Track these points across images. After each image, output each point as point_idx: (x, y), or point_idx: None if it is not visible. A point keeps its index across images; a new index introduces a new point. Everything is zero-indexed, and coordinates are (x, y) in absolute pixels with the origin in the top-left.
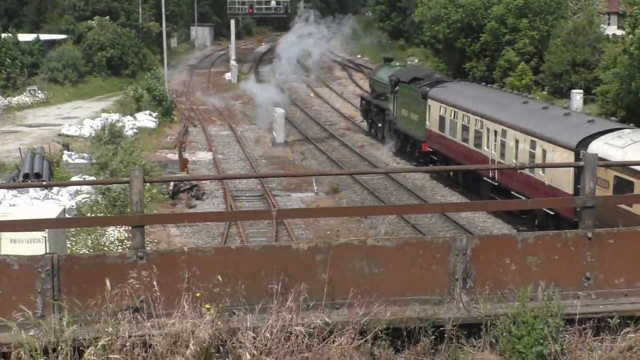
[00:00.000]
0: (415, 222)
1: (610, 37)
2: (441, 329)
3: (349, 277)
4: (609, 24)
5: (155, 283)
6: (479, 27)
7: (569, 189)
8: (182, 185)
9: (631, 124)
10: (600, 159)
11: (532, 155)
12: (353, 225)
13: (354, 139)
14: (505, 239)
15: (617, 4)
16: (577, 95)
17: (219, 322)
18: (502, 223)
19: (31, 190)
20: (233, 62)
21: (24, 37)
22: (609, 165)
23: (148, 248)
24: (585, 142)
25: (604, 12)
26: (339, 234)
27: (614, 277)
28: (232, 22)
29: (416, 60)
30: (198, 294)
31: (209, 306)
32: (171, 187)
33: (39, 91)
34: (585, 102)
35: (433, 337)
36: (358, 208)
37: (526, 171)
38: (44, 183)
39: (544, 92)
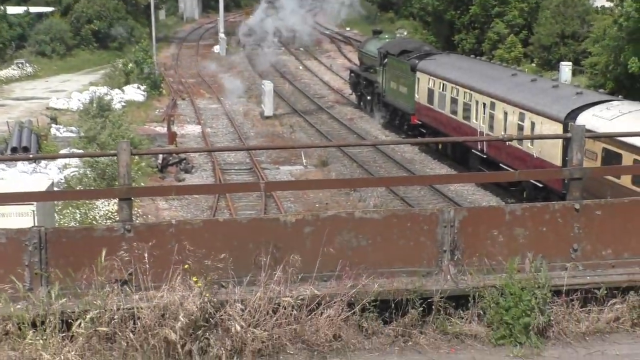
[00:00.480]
0: (404, 195)
1: (599, 9)
2: (429, 300)
3: (337, 249)
4: None
5: (143, 256)
6: None
7: (558, 161)
8: (170, 158)
9: (619, 96)
10: (589, 131)
11: (521, 128)
12: (342, 198)
13: (343, 112)
14: (493, 210)
15: None
16: (566, 68)
17: (207, 295)
18: (490, 195)
19: (19, 163)
20: (221, 35)
21: (12, 9)
22: (596, 136)
23: (136, 221)
24: (574, 114)
25: None
26: (328, 206)
27: (601, 248)
28: None
29: (405, 33)
30: (186, 266)
31: (196, 279)
32: (160, 161)
33: (27, 64)
34: (574, 74)
35: (421, 308)
36: (346, 180)
37: (515, 143)
38: (32, 156)
39: (533, 65)
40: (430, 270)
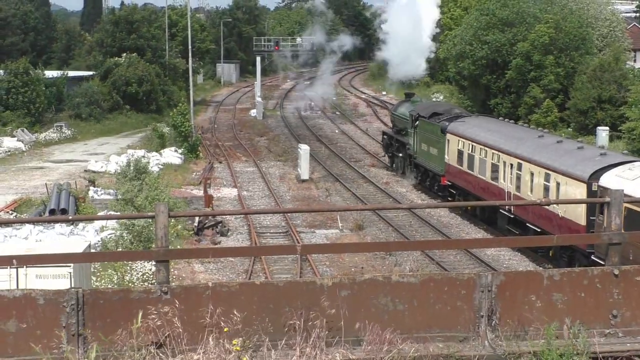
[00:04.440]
0: (440, 260)
1: (635, 74)
2: None
3: (373, 313)
4: (635, 61)
5: (179, 318)
6: (504, 64)
7: (582, 221)
8: (207, 221)
9: None
10: None
11: (547, 188)
12: (378, 262)
13: (379, 176)
14: (531, 275)
15: None
16: (603, 132)
17: (244, 358)
18: (527, 260)
19: (57, 225)
20: (258, 99)
21: (52, 73)
22: (634, 201)
23: (173, 283)
24: (597, 174)
25: (629, 49)
26: (364, 270)
27: None
28: (258, 58)
29: (441, 97)
30: (226, 330)
31: (235, 342)
32: (196, 224)
33: (66, 128)
34: (611, 139)
35: None
36: (382, 244)
37: None
38: (70, 218)
39: (570, 129)
40: (467, 335)
